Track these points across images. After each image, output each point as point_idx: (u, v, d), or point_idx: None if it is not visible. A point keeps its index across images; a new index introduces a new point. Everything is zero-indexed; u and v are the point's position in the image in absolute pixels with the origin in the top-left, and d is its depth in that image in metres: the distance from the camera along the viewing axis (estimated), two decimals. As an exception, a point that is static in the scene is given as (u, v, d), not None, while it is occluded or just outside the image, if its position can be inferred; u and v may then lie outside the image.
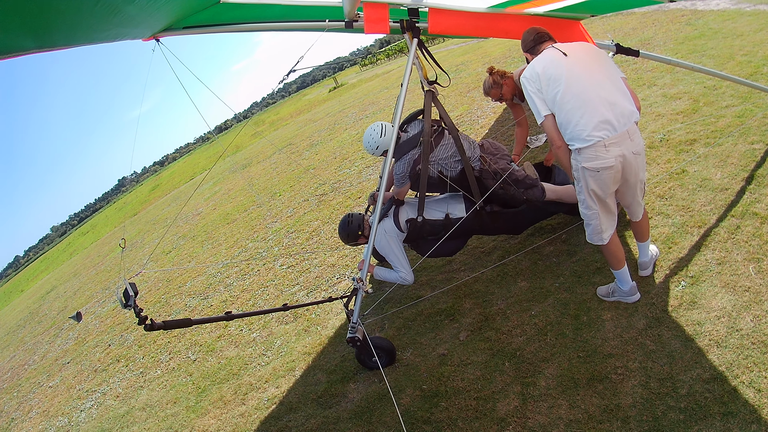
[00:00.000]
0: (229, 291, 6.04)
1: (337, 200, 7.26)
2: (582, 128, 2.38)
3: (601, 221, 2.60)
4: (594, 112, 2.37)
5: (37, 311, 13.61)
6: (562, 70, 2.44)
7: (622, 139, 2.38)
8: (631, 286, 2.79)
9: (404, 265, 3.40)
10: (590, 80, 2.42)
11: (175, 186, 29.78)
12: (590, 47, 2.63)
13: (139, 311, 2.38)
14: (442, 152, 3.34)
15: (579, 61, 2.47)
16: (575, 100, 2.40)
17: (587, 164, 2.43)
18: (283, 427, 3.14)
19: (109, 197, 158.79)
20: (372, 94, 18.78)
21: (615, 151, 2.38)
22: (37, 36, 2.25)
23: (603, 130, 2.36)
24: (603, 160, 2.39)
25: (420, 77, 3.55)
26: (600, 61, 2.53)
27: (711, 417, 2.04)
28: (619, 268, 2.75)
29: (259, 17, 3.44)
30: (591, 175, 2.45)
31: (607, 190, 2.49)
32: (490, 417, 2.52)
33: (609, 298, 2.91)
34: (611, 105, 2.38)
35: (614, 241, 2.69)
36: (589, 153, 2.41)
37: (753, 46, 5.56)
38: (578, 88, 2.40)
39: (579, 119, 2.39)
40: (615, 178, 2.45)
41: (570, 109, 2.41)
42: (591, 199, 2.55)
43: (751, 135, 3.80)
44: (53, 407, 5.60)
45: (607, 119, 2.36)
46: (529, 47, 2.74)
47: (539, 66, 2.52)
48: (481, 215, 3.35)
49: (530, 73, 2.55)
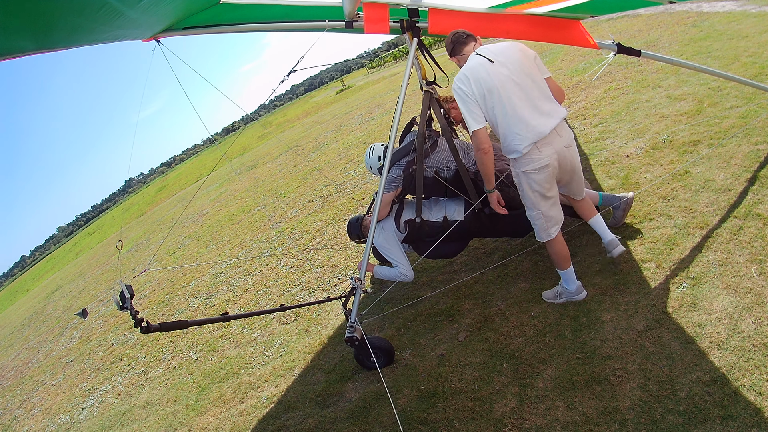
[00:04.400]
0: (232, 291, 6.06)
1: (342, 201, 7.27)
2: (519, 142, 2.52)
3: (545, 219, 2.74)
4: (527, 124, 2.50)
5: (42, 310, 13.74)
6: (494, 80, 2.52)
7: (552, 139, 2.54)
8: (577, 285, 2.91)
9: (403, 263, 3.41)
10: (520, 91, 2.51)
11: (181, 187, 30.00)
12: (514, 48, 2.61)
13: (135, 313, 2.39)
14: (437, 156, 3.36)
15: (506, 70, 2.53)
16: (512, 115, 2.51)
17: (525, 168, 2.59)
18: (280, 426, 3.14)
19: (115, 198, 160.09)
20: (378, 96, 18.84)
21: (548, 151, 2.54)
22: (38, 38, 2.28)
23: (535, 137, 2.50)
24: (538, 161, 2.55)
25: (419, 77, 3.55)
26: (525, 64, 2.57)
27: (711, 420, 2.01)
28: (565, 268, 2.86)
29: (259, 17, 3.46)
30: (531, 177, 2.61)
31: (549, 186, 2.64)
32: (486, 418, 2.50)
33: (557, 301, 3.01)
34: (540, 112, 2.52)
35: (561, 240, 2.82)
36: (525, 159, 2.57)
37: (758, 48, 5.52)
38: (512, 102, 2.50)
39: (516, 133, 2.52)
40: (553, 173, 2.61)
41: (508, 124, 2.52)
42: (535, 200, 2.68)
43: (755, 136, 3.76)
44: (55, 405, 5.64)
45: (536, 127, 2.50)
46: (452, 50, 2.77)
47: (471, 76, 2.55)
48: (480, 217, 3.33)
49: (465, 86, 2.57)
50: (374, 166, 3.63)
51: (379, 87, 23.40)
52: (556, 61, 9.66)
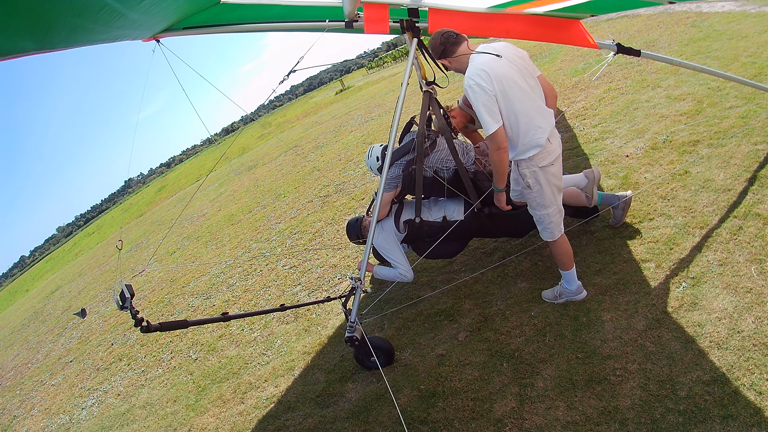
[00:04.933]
0: (232, 291, 6.06)
1: (341, 201, 7.27)
2: (540, 135, 2.55)
3: (560, 215, 2.78)
4: (544, 117, 2.58)
5: (42, 311, 13.72)
6: (511, 75, 2.50)
7: (553, 130, 2.66)
8: (577, 285, 2.94)
9: (403, 263, 3.41)
10: (528, 87, 2.56)
11: (181, 187, 29.97)
12: (510, 47, 2.63)
13: (136, 313, 2.39)
14: (436, 156, 3.36)
15: (515, 66, 2.54)
16: (531, 108, 2.53)
17: (543, 163, 2.60)
18: (280, 426, 3.13)
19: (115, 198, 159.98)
20: (378, 97, 18.83)
21: (556, 141, 2.66)
22: (38, 38, 2.27)
23: (549, 127, 2.59)
24: (553, 152, 2.62)
25: (418, 77, 3.55)
26: (522, 62, 2.60)
27: (711, 420, 2.01)
28: (569, 269, 2.88)
29: (259, 17, 3.46)
30: (548, 170, 2.63)
31: (561, 175, 2.72)
32: (486, 418, 2.50)
33: (557, 300, 3.03)
34: (542, 106, 2.61)
35: (566, 238, 2.84)
36: (543, 153, 2.59)
37: (757, 48, 5.52)
38: (528, 96, 2.54)
39: (538, 126, 2.54)
40: (560, 160, 2.71)
41: (530, 117, 2.53)
42: (553, 195, 2.70)
43: (754, 136, 3.77)
44: (55, 405, 5.64)
45: (549, 118, 2.61)
46: (442, 52, 2.67)
47: (491, 72, 2.44)
48: (480, 217, 3.33)
49: (486, 82, 2.43)
50: (374, 167, 3.64)
51: (378, 87, 23.40)
52: (555, 61, 9.66)
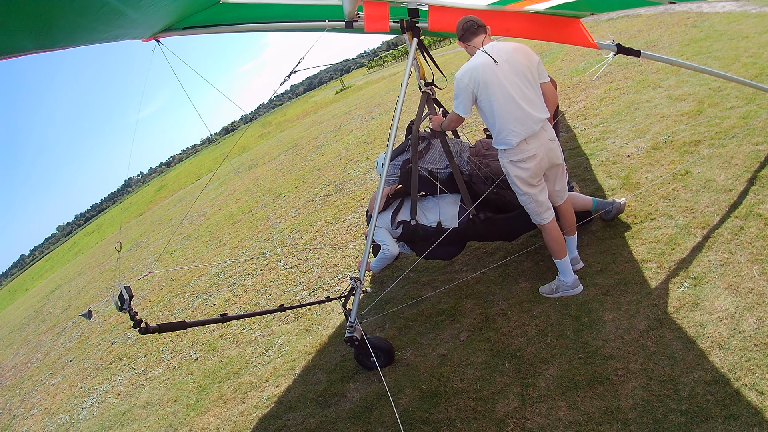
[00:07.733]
0: (232, 290, 6.05)
1: (342, 201, 7.26)
2: (512, 137, 2.73)
3: (537, 204, 2.89)
4: (522, 123, 2.71)
5: (41, 310, 13.71)
6: (496, 79, 2.68)
7: (538, 134, 2.76)
8: (574, 279, 3.02)
9: (387, 240, 3.47)
10: (519, 91, 2.70)
11: (180, 187, 29.97)
12: (520, 51, 2.77)
13: (134, 314, 2.39)
14: (430, 156, 3.38)
15: (509, 70, 2.69)
16: (509, 113, 2.70)
17: (514, 158, 2.79)
18: (281, 426, 3.13)
19: (115, 197, 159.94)
20: (378, 96, 18.84)
21: (534, 144, 2.76)
22: (38, 37, 2.27)
23: (524, 133, 2.72)
24: (526, 152, 2.76)
25: (417, 77, 3.55)
26: (527, 67, 2.74)
27: (713, 420, 2.01)
28: (561, 257, 2.98)
29: (259, 17, 3.45)
30: (518, 165, 2.80)
31: (535, 176, 2.83)
32: (488, 418, 2.50)
33: (554, 295, 3.10)
34: (530, 113, 2.72)
35: (556, 227, 2.96)
36: (514, 151, 2.77)
37: (758, 48, 5.52)
38: (510, 100, 2.69)
39: (512, 130, 2.72)
40: (541, 164, 2.81)
41: (505, 120, 2.72)
42: (522, 186, 2.85)
43: (755, 136, 3.76)
44: (55, 405, 5.63)
45: (527, 125, 2.72)
46: (462, 36, 2.89)
47: (475, 72, 2.71)
48: (475, 222, 3.31)
49: (468, 78, 2.73)
50: (381, 172, 3.67)
51: (378, 87, 23.40)
52: (556, 61, 9.66)
